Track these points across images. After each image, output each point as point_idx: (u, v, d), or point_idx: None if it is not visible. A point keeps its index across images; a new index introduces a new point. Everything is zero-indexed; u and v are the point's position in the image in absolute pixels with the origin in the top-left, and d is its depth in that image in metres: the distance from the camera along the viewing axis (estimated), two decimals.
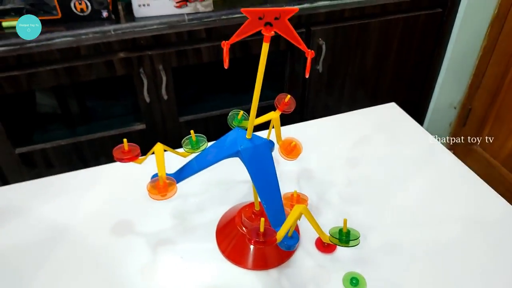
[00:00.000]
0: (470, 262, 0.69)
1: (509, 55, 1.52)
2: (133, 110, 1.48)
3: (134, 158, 0.62)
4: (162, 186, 0.57)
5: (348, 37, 1.40)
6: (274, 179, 0.61)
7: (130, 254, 0.70)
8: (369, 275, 0.67)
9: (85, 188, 0.83)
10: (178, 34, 1.21)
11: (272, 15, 0.48)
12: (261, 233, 0.53)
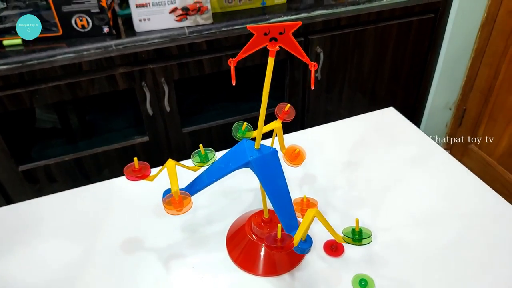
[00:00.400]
0: (473, 258, 0.72)
1: (499, 56, 1.56)
2: (135, 123, 1.50)
3: (145, 176, 0.63)
4: (177, 201, 0.59)
5: (345, 44, 1.43)
6: (284, 186, 0.63)
7: (142, 269, 0.72)
8: (377, 276, 0.69)
9: (94, 203, 0.85)
10: (179, 47, 1.23)
11: (277, 30, 0.50)
12: (278, 239, 0.55)
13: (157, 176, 0.65)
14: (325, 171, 0.91)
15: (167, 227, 0.78)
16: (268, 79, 0.54)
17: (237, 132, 0.71)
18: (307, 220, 0.58)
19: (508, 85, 1.55)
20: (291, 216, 0.63)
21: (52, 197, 0.86)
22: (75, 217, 0.81)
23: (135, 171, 0.63)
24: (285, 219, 0.62)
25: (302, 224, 0.58)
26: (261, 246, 0.72)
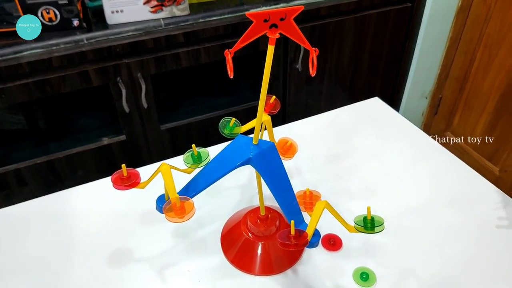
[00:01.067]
0: (467, 240, 0.72)
1: (474, 44, 1.58)
2: (111, 121, 1.43)
3: (135, 184, 0.59)
4: (179, 208, 0.55)
5: (325, 34, 1.41)
6: (286, 179, 0.61)
7: (134, 281, 0.67)
8: (377, 268, 0.68)
9: (73, 211, 0.78)
10: (155, 40, 1.18)
11: (278, 16, 0.47)
12: (292, 236, 0.53)
13: (149, 182, 0.60)
14: (315, 164, 0.89)
15: (156, 234, 0.74)
16: (267, 69, 0.52)
17: (225, 128, 0.67)
18: (318, 212, 0.56)
19: (482, 72, 1.58)
20: (297, 210, 0.61)
21: (26, 204, 0.79)
22: (52, 227, 0.76)
23: (124, 179, 0.58)
24: (290, 214, 0.60)
25: (313, 217, 0.56)
26: (258, 245, 0.70)
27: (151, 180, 0.60)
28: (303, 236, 0.54)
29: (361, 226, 0.57)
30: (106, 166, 1.34)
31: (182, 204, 0.55)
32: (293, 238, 0.53)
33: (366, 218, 0.56)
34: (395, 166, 0.89)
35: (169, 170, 0.58)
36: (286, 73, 1.44)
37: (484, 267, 0.69)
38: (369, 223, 0.56)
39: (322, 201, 0.57)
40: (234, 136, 0.67)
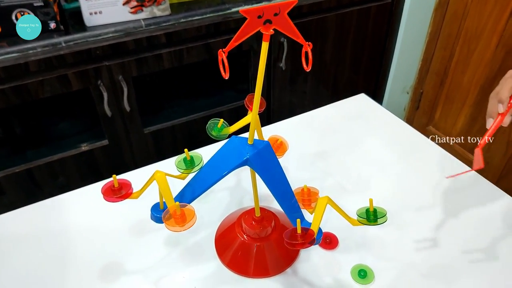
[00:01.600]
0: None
1: (453, 39, 1.61)
2: (91, 126, 1.39)
3: (128, 195, 0.57)
4: (179, 216, 0.53)
5: (308, 32, 1.41)
6: (284, 177, 0.60)
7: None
8: (375, 264, 0.68)
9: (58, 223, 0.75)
10: (136, 41, 1.15)
11: (272, 11, 0.46)
12: (298, 235, 0.53)
13: (143, 192, 0.58)
14: (304, 162, 0.89)
15: (148, 245, 0.71)
16: (262, 66, 0.50)
17: (213, 130, 0.66)
18: (321, 209, 0.55)
19: (462, 67, 1.61)
20: (296, 208, 0.60)
21: (6, 216, 0.76)
22: (37, 241, 0.72)
23: (115, 190, 0.56)
24: (290, 211, 0.59)
25: (316, 214, 0.55)
26: (254, 247, 0.68)
27: (145, 189, 0.58)
28: (309, 233, 0.53)
29: (364, 219, 0.57)
30: (89, 173, 1.30)
31: (182, 212, 0.53)
32: (300, 237, 0.53)
33: (369, 210, 0.56)
34: (385, 161, 0.89)
35: (165, 178, 0.55)
36: (270, 73, 1.43)
37: (481, 257, 0.69)
38: (371, 215, 0.56)
39: (324, 197, 0.57)
40: (222, 138, 0.65)
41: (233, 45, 0.48)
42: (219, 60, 0.50)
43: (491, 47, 1.48)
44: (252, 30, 0.46)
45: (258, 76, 0.51)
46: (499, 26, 1.43)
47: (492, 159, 1.60)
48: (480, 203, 0.79)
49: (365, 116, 1.03)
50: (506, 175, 1.58)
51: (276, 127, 0.99)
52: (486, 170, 1.60)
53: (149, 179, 0.57)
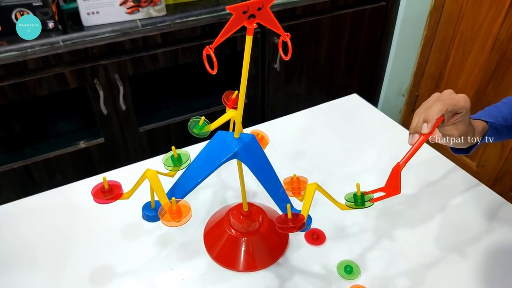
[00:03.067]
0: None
1: (448, 42, 1.62)
2: (88, 124, 1.41)
3: (118, 196, 0.57)
4: (175, 212, 0.54)
5: (302, 34, 1.42)
6: (271, 168, 0.61)
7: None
8: (361, 261, 0.69)
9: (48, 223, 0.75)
10: (132, 41, 1.16)
11: (256, 6, 0.48)
12: (289, 219, 0.55)
13: (134, 192, 0.58)
14: (293, 160, 0.90)
15: (138, 244, 0.72)
16: (246, 60, 0.52)
17: (194, 128, 0.67)
18: (310, 194, 0.57)
19: (457, 69, 1.62)
20: (285, 197, 0.62)
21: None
22: (19, 238, 0.73)
23: (105, 192, 0.56)
24: (279, 200, 0.61)
25: (306, 200, 0.57)
26: (241, 241, 0.69)
27: (137, 188, 0.58)
28: (300, 218, 0.55)
29: (352, 203, 0.58)
30: (85, 170, 1.31)
31: (178, 207, 0.54)
32: (291, 221, 0.54)
33: (356, 194, 0.57)
34: (373, 158, 0.90)
35: (157, 176, 0.56)
36: (264, 74, 1.44)
37: (469, 256, 0.70)
38: (359, 199, 0.57)
39: (313, 183, 0.58)
40: (204, 135, 0.66)
41: (219, 40, 0.50)
42: (203, 56, 0.52)
43: (486, 50, 1.49)
44: (237, 25, 0.48)
45: (243, 70, 0.53)
46: (494, 29, 1.44)
47: (488, 162, 1.60)
48: (472, 204, 0.80)
49: (357, 116, 1.04)
50: (501, 178, 1.59)
51: (265, 126, 1.00)
52: (481, 173, 1.61)
53: (140, 178, 0.57)
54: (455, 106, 0.57)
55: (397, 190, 0.55)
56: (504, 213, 0.77)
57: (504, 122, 0.70)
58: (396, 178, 0.55)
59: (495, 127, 0.68)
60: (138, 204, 0.60)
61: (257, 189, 0.82)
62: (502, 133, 0.70)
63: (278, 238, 0.72)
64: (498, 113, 0.70)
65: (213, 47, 0.51)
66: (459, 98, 0.58)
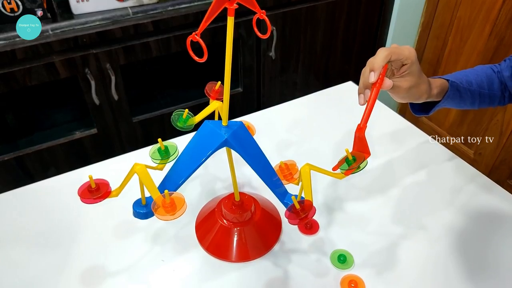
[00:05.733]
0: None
1: (446, 28, 1.60)
2: (81, 115, 1.39)
3: (107, 195, 0.54)
4: (169, 205, 0.52)
5: (297, 21, 1.40)
6: (262, 154, 0.60)
7: None
8: (354, 250, 0.67)
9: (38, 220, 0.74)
10: (123, 29, 1.14)
11: None
12: (299, 210, 0.54)
13: (123, 189, 0.55)
14: (286, 148, 0.88)
15: (129, 240, 0.70)
16: (229, 41, 0.50)
17: (178, 121, 0.65)
18: (307, 177, 0.56)
19: (455, 56, 1.60)
20: (279, 184, 0.61)
21: None
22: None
23: (93, 191, 0.54)
24: (275, 187, 0.60)
25: (305, 184, 0.56)
26: (234, 231, 0.68)
27: (126, 185, 0.55)
28: (308, 204, 0.54)
29: (346, 165, 0.55)
30: (78, 161, 1.30)
31: (171, 200, 0.52)
32: (301, 212, 0.54)
33: (348, 159, 0.54)
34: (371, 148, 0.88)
35: (146, 170, 0.54)
36: (259, 63, 1.42)
37: (466, 247, 0.69)
38: (351, 163, 0.54)
39: (305, 164, 0.57)
40: (188, 128, 0.64)
41: (204, 25, 0.49)
42: (187, 45, 0.51)
43: (483, 36, 1.47)
44: (219, 8, 0.48)
45: (227, 54, 0.51)
46: (492, 15, 1.42)
47: (485, 150, 1.59)
48: (469, 192, 0.79)
49: (353, 104, 1.02)
50: (499, 166, 1.57)
51: (262, 114, 0.98)
52: (478, 161, 1.59)
53: (128, 174, 0.55)
54: (399, 55, 0.56)
55: (367, 152, 0.53)
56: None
57: (468, 86, 0.68)
58: (362, 141, 0.52)
59: (457, 87, 0.66)
60: (127, 199, 0.58)
61: (247, 179, 0.80)
62: (465, 96, 0.68)
63: (271, 228, 0.71)
64: (463, 77, 0.69)
65: (199, 33, 0.50)
66: (403, 48, 0.57)
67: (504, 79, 0.70)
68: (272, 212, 0.73)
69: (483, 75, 0.71)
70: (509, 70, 0.70)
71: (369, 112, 0.52)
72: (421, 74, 0.60)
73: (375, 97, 0.53)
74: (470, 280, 0.63)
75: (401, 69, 0.58)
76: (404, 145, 0.90)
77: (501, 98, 0.72)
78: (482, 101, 0.71)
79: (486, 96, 0.70)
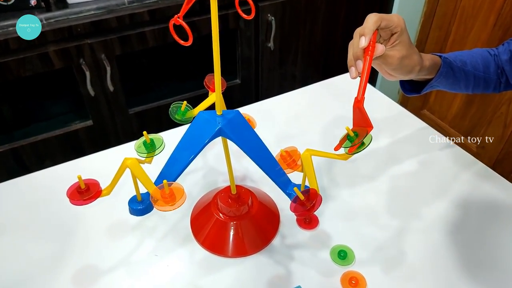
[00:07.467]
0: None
1: (449, 18, 1.57)
2: (76, 106, 1.37)
3: (97, 195, 0.53)
4: (168, 195, 0.51)
5: (297, 11, 1.37)
6: (261, 143, 0.58)
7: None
8: (355, 246, 0.65)
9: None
10: (119, 19, 1.12)
11: None
12: (304, 201, 0.52)
13: (114, 186, 0.54)
14: (286, 140, 0.86)
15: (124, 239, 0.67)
16: (214, 25, 0.48)
17: (176, 113, 0.64)
18: (309, 164, 0.54)
19: (458, 46, 1.57)
20: (281, 171, 0.59)
21: None
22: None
23: (82, 192, 0.52)
24: (277, 176, 0.58)
25: (308, 172, 0.54)
26: (230, 225, 0.66)
27: (117, 182, 0.54)
28: (313, 193, 0.52)
29: (350, 142, 0.52)
30: (73, 153, 1.28)
31: (170, 191, 0.51)
32: (307, 202, 0.52)
33: (350, 136, 0.51)
34: (375, 141, 0.86)
35: (138, 164, 0.53)
36: (258, 54, 1.40)
37: (469, 241, 0.67)
38: (353, 139, 0.51)
39: (305, 150, 0.55)
40: (187, 121, 0.63)
41: (186, 8, 0.49)
42: (170, 28, 0.50)
43: (488, 26, 1.44)
44: None
45: (214, 40, 0.49)
46: (497, 5, 1.39)
47: (488, 144, 1.57)
48: (472, 185, 0.77)
49: (351, 95, 1.00)
50: (503, 160, 1.55)
51: (260, 105, 0.96)
52: (481, 154, 1.57)
53: (119, 169, 0.53)
54: (389, 21, 0.54)
55: (369, 125, 0.49)
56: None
57: (462, 66, 0.65)
58: (362, 114, 0.50)
59: (450, 65, 0.64)
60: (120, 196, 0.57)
61: (246, 172, 0.78)
62: (459, 76, 0.65)
63: (269, 222, 0.69)
64: (457, 56, 0.66)
65: (181, 16, 0.49)
66: (392, 15, 0.55)
67: (502, 63, 0.68)
68: (270, 206, 0.71)
69: (479, 57, 0.68)
70: (507, 53, 0.67)
71: (365, 82, 0.50)
72: (412, 44, 0.58)
73: (369, 66, 0.51)
74: (475, 276, 0.61)
75: (391, 39, 0.56)
76: (405, 135, 0.88)
77: (497, 84, 0.69)
78: (476, 84, 0.68)
79: (481, 79, 0.68)
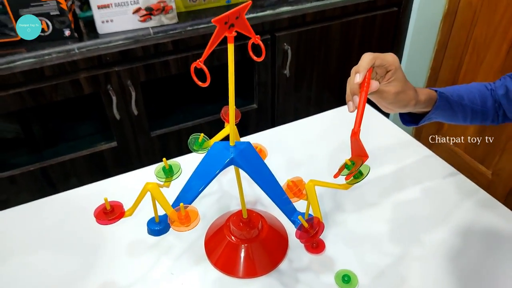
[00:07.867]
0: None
1: (462, 47, 1.60)
2: (102, 128, 1.45)
3: (121, 216, 0.59)
4: (184, 217, 0.56)
5: (312, 40, 1.43)
6: (270, 173, 0.64)
7: None
8: (359, 271, 0.69)
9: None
10: (144, 48, 1.20)
11: (234, 15, 0.51)
12: (308, 229, 0.57)
13: (136, 207, 0.60)
14: (293, 167, 0.91)
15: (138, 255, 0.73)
16: (231, 67, 0.54)
17: (194, 144, 0.70)
18: (313, 194, 0.59)
19: (471, 76, 1.60)
20: (287, 200, 0.64)
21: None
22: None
23: (108, 213, 0.58)
24: (283, 205, 0.63)
25: (312, 202, 0.59)
26: (241, 247, 0.71)
27: (139, 204, 0.60)
28: (316, 221, 0.57)
29: (352, 179, 0.57)
30: (98, 171, 1.35)
31: (186, 213, 0.57)
32: (311, 229, 0.56)
33: (347, 165, 0.56)
34: (377, 171, 0.90)
35: (158, 188, 0.58)
36: (274, 80, 1.46)
37: (470, 270, 0.70)
38: (350, 168, 0.56)
39: (309, 181, 0.60)
40: (204, 151, 0.69)
41: (207, 53, 0.53)
42: (191, 71, 0.55)
43: (501, 56, 1.47)
44: (221, 36, 0.51)
45: (229, 78, 0.54)
46: (509, 35, 1.42)
47: (503, 171, 1.57)
48: (475, 214, 0.79)
49: (365, 123, 1.04)
50: None
51: (278, 130, 1.01)
52: (496, 182, 1.57)
53: (140, 193, 0.59)
54: (383, 60, 0.58)
55: (364, 155, 0.54)
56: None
57: (459, 100, 0.69)
58: (358, 143, 0.54)
59: (447, 99, 0.67)
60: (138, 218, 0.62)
61: (257, 197, 0.83)
62: (456, 109, 0.69)
63: (278, 245, 0.73)
64: (455, 91, 0.70)
65: (202, 60, 0.54)
66: (387, 54, 0.60)
67: (498, 97, 0.71)
68: (279, 230, 0.76)
69: (476, 91, 0.72)
70: (503, 88, 0.71)
71: (361, 115, 0.55)
72: (407, 81, 0.62)
73: (365, 100, 0.56)
74: None
75: (386, 75, 0.61)
76: (410, 163, 0.91)
77: (495, 117, 0.73)
78: (474, 117, 0.72)
79: (479, 112, 0.71)
